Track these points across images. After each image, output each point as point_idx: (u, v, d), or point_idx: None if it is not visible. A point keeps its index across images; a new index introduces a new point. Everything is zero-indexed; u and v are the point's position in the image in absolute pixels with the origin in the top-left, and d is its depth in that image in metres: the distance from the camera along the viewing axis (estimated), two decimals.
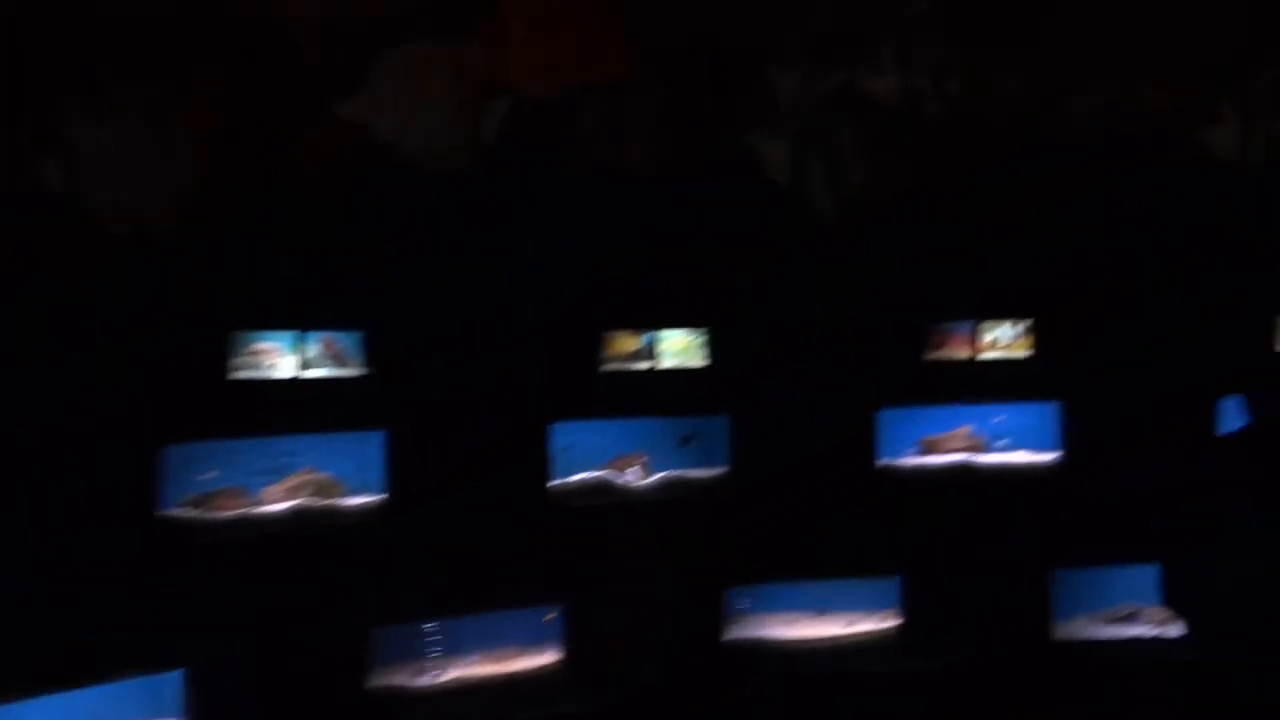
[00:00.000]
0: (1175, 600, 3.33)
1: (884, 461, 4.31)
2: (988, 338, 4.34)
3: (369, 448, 3.76)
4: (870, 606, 4.17)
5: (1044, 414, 4.31)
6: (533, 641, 3.84)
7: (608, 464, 4.16)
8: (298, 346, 3.66)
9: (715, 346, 4.24)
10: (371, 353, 3.79)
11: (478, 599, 3.80)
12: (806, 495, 4.18)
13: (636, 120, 3.44)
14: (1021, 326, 4.34)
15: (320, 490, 3.71)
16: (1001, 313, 4.34)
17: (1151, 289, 4.27)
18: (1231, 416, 3.55)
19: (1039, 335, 4.34)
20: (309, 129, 3.41)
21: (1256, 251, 4.20)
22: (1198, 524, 3.17)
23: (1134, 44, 3.40)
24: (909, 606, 4.15)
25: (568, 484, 4.06)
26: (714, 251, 4.14)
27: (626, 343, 4.17)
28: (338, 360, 3.74)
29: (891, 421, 4.31)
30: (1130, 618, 4.16)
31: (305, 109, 3.36)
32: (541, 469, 4.00)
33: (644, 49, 3.11)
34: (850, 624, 4.16)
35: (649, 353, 4.19)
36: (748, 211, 4.02)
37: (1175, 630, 3.99)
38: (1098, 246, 4.26)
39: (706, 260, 4.14)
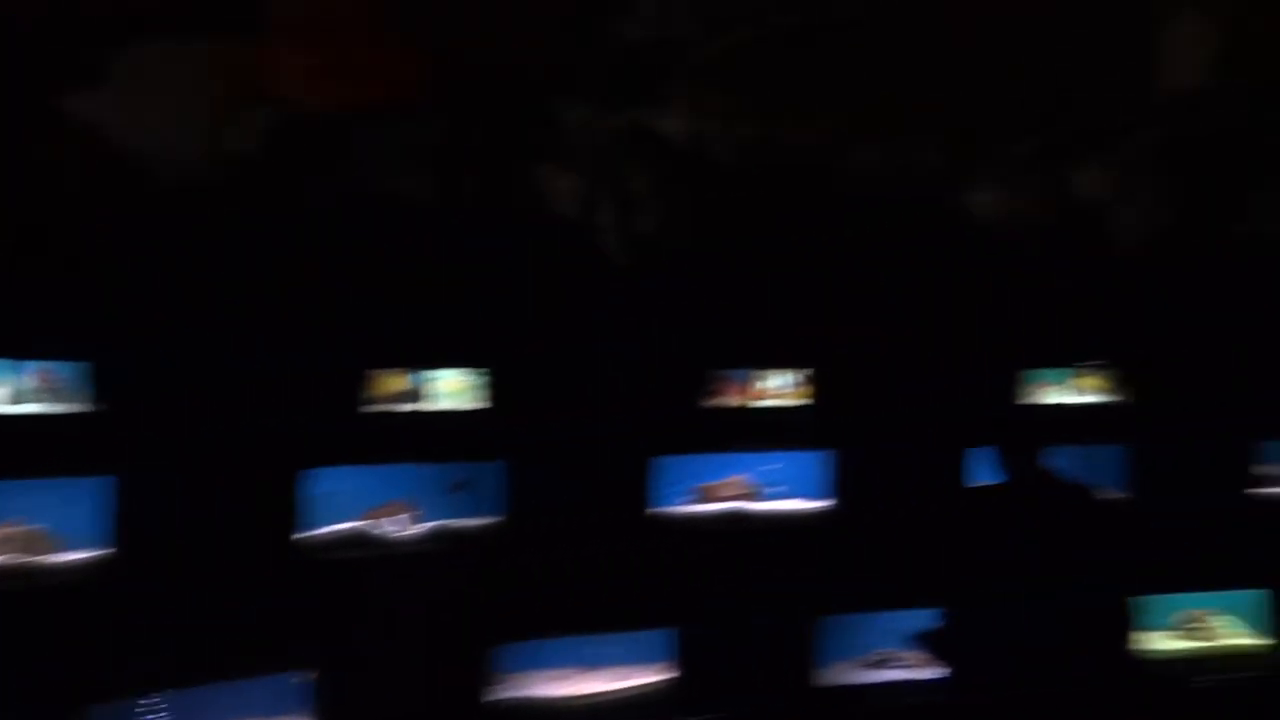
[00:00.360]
0: (933, 643, 3.43)
1: (657, 509, 4.25)
2: (761, 385, 4.38)
3: (90, 495, 3.46)
4: (641, 660, 4.06)
5: (818, 462, 4.37)
6: (277, 711, 3.52)
7: (366, 513, 3.94)
8: (6, 378, 3.35)
9: (495, 389, 4.08)
10: (99, 387, 3.46)
11: (213, 666, 3.47)
12: (578, 545, 4.05)
13: (418, 144, 3.23)
14: (798, 375, 4.42)
15: (27, 545, 3.40)
16: (781, 362, 4.41)
17: (921, 341, 4.43)
18: (985, 468, 3.71)
19: (817, 385, 4.42)
20: (26, 127, 3.00)
21: (1008, 309, 4.47)
22: (958, 570, 3.28)
23: (912, 104, 3.52)
24: (681, 659, 4.07)
25: (322, 535, 3.85)
26: (494, 289, 3.99)
27: (393, 382, 4.00)
28: (56, 395, 3.46)
29: (665, 469, 4.26)
30: (883, 662, 4.27)
31: (22, 104, 2.95)
32: (290, 519, 3.77)
33: (432, 71, 2.91)
34: (621, 678, 4.04)
35: (417, 394, 4.02)
36: (531, 248, 3.88)
37: (928, 673, 4.13)
38: (875, 298, 4.41)
39: (486, 298, 3.99)
